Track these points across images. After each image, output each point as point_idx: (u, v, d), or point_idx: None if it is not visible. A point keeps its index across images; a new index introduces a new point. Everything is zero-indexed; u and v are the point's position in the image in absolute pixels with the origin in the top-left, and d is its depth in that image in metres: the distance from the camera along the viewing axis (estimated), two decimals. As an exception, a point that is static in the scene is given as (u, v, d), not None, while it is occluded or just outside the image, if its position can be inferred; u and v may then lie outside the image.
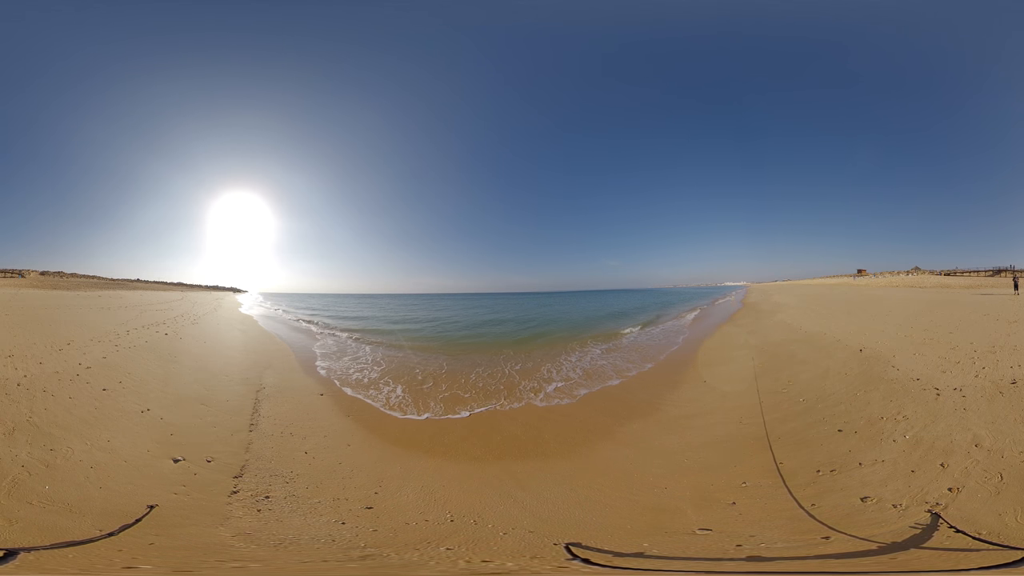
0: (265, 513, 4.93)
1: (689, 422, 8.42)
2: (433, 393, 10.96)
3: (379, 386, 11.66)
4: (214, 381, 10.65)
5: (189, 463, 5.99)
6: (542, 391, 11.10)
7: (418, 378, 12.59)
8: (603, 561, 3.79)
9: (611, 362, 15.04)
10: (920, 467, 5.03)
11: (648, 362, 14.99)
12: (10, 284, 52.56)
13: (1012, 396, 6.58)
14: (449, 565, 3.84)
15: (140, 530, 4.13)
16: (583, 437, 7.89)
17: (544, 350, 18.10)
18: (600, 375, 12.93)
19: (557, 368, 13.95)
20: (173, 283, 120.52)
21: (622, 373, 13.14)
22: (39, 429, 6.07)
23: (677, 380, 11.96)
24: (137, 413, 7.51)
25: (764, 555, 3.76)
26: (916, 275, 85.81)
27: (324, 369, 13.80)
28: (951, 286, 47.80)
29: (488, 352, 17.74)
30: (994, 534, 3.66)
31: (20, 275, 67.94)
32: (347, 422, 8.69)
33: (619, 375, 12.89)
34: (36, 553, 3.45)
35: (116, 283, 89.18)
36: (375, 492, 5.64)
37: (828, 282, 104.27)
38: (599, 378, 12.54)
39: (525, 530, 4.66)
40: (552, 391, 11.10)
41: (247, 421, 8.10)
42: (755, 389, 9.64)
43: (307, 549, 4.13)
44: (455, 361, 15.70)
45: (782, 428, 7.14)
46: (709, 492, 5.37)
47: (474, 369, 13.95)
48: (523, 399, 10.41)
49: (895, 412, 6.68)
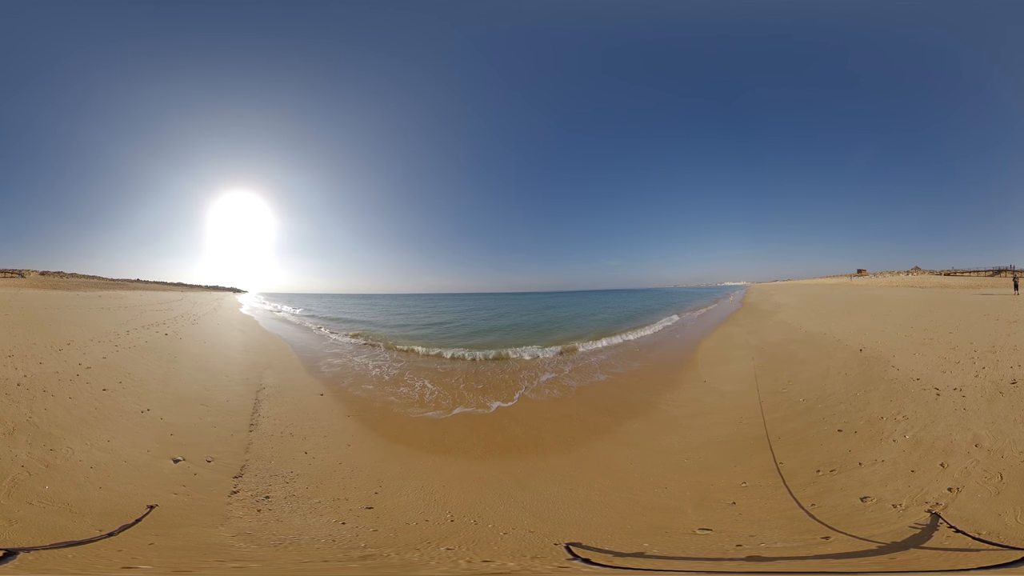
0: (265, 513, 4.93)
1: (689, 422, 8.42)
2: (432, 395, 10.96)
3: (380, 386, 11.65)
4: (214, 381, 10.65)
5: (189, 463, 5.99)
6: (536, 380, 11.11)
7: (417, 378, 12.59)
8: (603, 561, 3.79)
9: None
10: (920, 467, 5.03)
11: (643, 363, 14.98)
12: (10, 284, 52.55)
13: (1012, 396, 6.59)
14: (450, 565, 3.84)
15: (140, 530, 4.13)
16: (584, 436, 7.89)
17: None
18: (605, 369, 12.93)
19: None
20: (173, 283, 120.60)
21: (608, 369, 13.15)
22: (39, 429, 6.07)
23: (677, 379, 11.96)
24: (137, 413, 7.51)
25: (764, 555, 3.76)
26: (916, 275, 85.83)
27: (324, 369, 13.80)
28: (951, 286, 47.81)
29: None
30: (994, 534, 3.66)
31: (20, 275, 67.93)
32: (347, 422, 8.68)
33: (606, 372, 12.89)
34: (36, 553, 3.45)
35: (116, 283, 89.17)
36: (375, 492, 5.64)
37: (827, 282, 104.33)
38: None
39: (525, 530, 4.66)
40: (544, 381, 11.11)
41: (247, 421, 8.10)
42: (755, 389, 9.64)
43: (307, 549, 4.13)
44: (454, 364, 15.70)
45: (782, 428, 7.14)
46: (709, 492, 5.37)
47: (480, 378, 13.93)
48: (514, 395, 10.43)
49: (895, 412, 6.69)
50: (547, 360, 15.62)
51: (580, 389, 11.36)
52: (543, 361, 15.50)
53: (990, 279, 60.72)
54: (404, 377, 12.72)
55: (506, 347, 17.61)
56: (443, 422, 8.85)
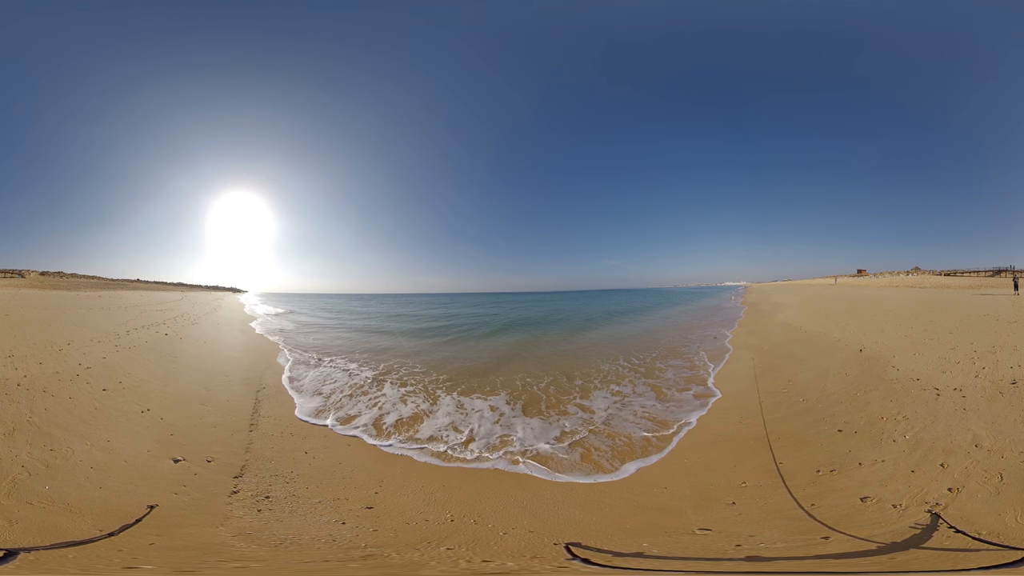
0: (265, 513, 4.93)
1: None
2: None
3: (381, 386, 11.64)
4: (214, 381, 10.65)
5: (189, 463, 5.99)
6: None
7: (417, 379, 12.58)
8: (603, 561, 3.79)
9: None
10: (920, 467, 5.03)
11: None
12: (10, 284, 52.55)
13: (1012, 396, 6.59)
14: (450, 565, 3.84)
15: (140, 530, 4.13)
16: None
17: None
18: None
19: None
20: (173, 283, 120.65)
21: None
22: (39, 429, 6.08)
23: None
24: (137, 413, 7.51)
25: (764, 555, 3.76)
26: (916, 275, 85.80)
27: (324, 369, 13.79)
28: (951, 286, 47.81)
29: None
30: (994, 534, 3.66)
31: (20, 275, 67.95)
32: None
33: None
34: (36, 553, 3.45)
35: (116, 283, 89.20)
36: (375, 492, 5.64)
37: (823, 282, 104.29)
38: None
39: (525, 530, 4.66)
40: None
41: (247, 421, 8.10)
42: (755, 389, 9.64)
43: (307, 549, 4.13)
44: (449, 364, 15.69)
45: (782, 428, 7.14)
46: (709, 492, 5.37)
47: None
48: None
49: (895, 412, 6.69)
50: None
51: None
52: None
53: (990, 279, 60.73)
54: (403, 378, 12.70)
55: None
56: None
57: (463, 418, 8.58)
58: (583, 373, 12.69)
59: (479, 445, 7.19)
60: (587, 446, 7.04)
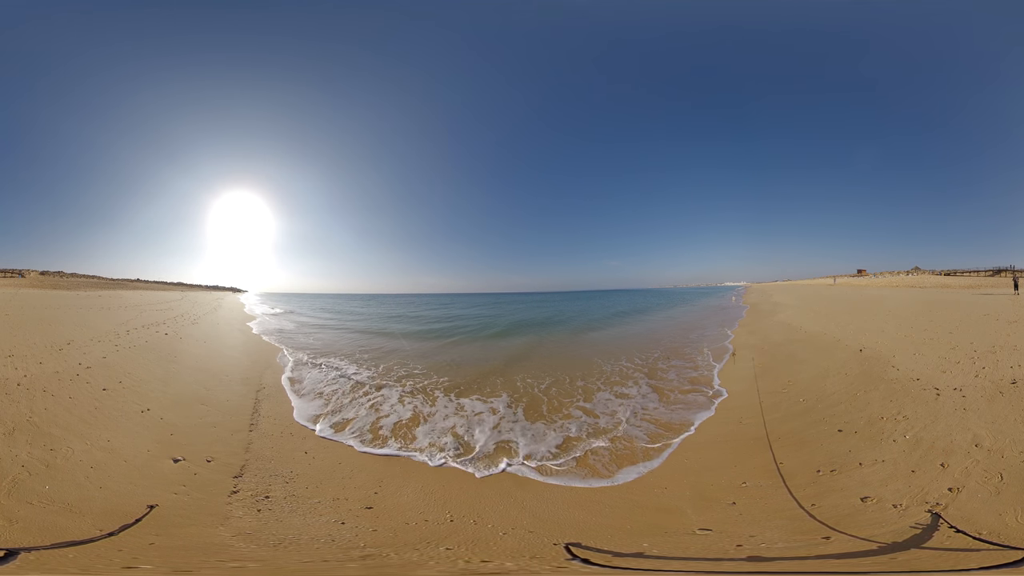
0: (265, 513, 4.93)
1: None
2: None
3: (381, 386, 11.64)
4: (214, 381, 10.65)
5: (189, 463, 5.99)
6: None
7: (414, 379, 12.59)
8: (603, 561, 3.79)
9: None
10: (920, 467, 5.03)
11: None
12: (10, 284, 52.56)
13: (1012, 396, 6.58)
14: (449, 565, 3.84)
15: (140, 530, 4.13)
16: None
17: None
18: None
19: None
20: (173, 283, 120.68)
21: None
22: (39, 429, 6.08)
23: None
24: (137, 413, 7.51)
25: (764, 555, 3.76)
26: (916, 275, 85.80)
27: (323, 368, 13.79)
28: (951, 286, 47.80)
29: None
30: (994, 534, 3.66)
31: (20, 275, 67.97)
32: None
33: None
34: (36, 553, 3.45)
35: (116, 283, 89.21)
36: (375, 492, 5.64)
37: (823, 282, 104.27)
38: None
39: (525, 530, 4.66)
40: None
41: (247, 421, 8.10)
42: (755, 389, 9.63)
43: (307, 549, 4.13)
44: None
45: (782, 428, 7.14)
46: (709, 492, 5.37)
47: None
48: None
49: (895, 412, 6.68)
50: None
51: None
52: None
53: (990, 279, 60.70)
54: (403, 378, 12.71)
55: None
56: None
57: (463, 421, 8.57)
58: (584, 374, 12.69)
59: (480, 450, 7.18)
60: (589, 450, 7.03)
